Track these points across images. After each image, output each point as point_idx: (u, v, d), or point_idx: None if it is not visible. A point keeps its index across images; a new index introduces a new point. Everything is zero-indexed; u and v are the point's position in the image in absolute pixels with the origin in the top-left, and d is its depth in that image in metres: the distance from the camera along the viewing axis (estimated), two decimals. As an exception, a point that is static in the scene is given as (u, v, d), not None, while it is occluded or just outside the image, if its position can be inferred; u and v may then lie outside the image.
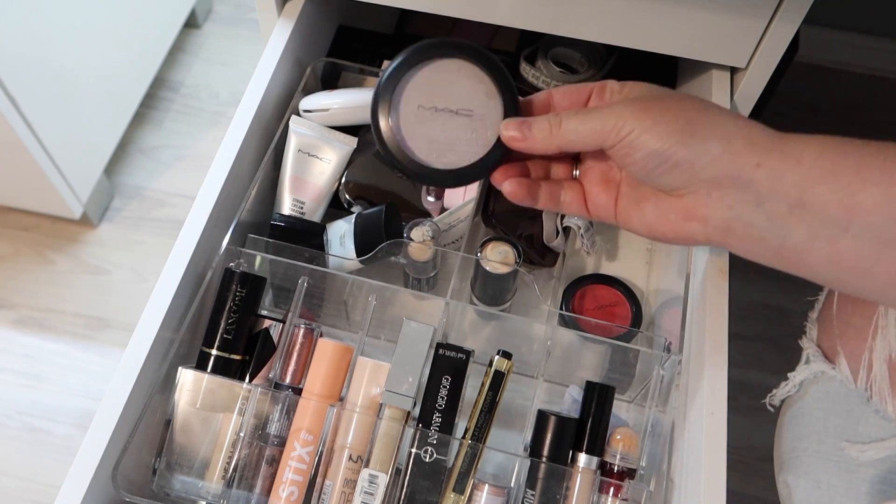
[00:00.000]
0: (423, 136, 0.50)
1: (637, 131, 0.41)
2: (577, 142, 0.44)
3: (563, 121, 0.44)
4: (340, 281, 0.64)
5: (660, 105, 0.42)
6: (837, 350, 0.56)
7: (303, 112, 0.69)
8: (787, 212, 0.39)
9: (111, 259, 1.28)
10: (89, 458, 0.51)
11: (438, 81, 0.50)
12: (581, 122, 0.44)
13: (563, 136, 0.44)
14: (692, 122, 0.41)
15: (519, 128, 0.46)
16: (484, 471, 0.57)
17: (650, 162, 0.42)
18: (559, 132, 0.44)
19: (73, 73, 1.15)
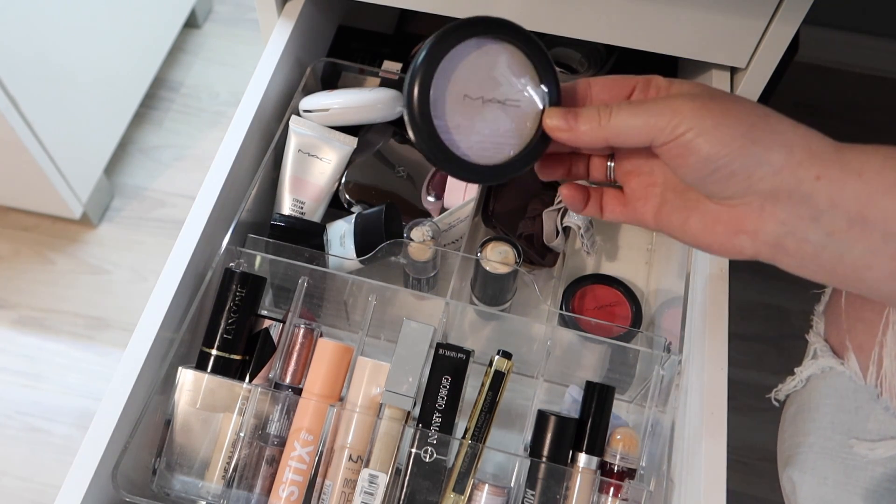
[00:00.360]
0: (466, 128, 0.45)
1: (694, 132, 0.38)
2: (626, 136, 0.41)
3: (613, 112, 0.41)
4: (340, 281, 0.64)
5: (720, 105, 0.39)
6: (846, 345, 0.55)
7: (303, 112, 0.69)
8: (847, 227, 0.37)
9: (111, 259, 1.28)
10: (89, 458, 0.51)
11: (481, 67, 0.45)
12: (633, 114, 0.40)
13: (612, 129, 0.41)
14: (755, 128, 0.38)
15: (564, 117, 0.43)
16: (484, 471, 0.57)
17: (705, 167, 0.39)
18: (608, 124, 0.41)
19: (73, 73, 1.15)
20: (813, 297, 0.61)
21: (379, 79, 0.75)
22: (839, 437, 0.53)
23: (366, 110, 0.69)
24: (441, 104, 0.44)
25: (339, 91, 0.71)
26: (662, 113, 0.39)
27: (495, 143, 0.45)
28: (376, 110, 0.69)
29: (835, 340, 0.57)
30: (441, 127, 0.44)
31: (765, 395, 0.62)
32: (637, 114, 0.40)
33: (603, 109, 0.42)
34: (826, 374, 0.56)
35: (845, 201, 0.37)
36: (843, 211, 0.37)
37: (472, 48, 0.44)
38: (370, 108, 0.69)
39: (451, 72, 0.44)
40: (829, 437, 0.54)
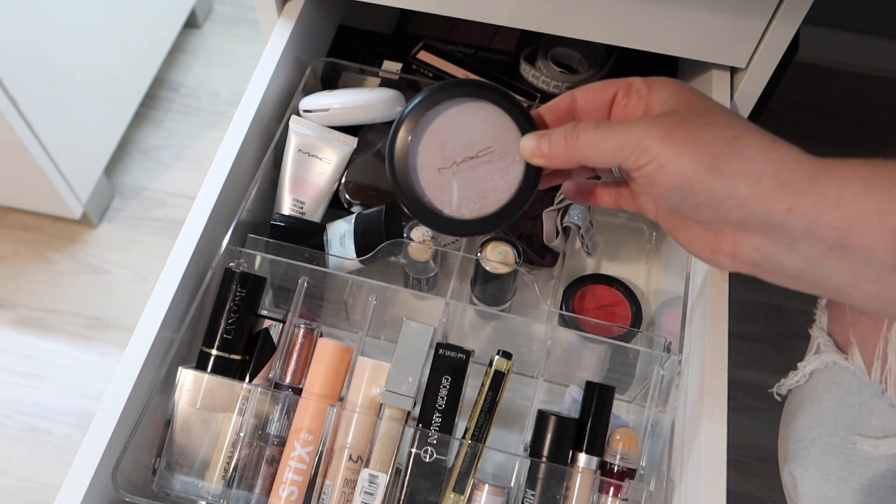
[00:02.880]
0: (454, 193, 0.46)
1: (656, 164, 0.38)
2: (595, 160, 0.41)
3: (579, 133, 0.41)
4: (340, 281, 0.64)
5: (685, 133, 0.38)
6: (850, 340, 0.55)
7: (303, 112, 0.69)
8: (825, 253, 0.37)
9: (111, 259, 1.28)
10: (89, 458, 0.51)
11: (445, 134, 0.46)
12: (599, 138, 0.40)
13: (580, 152, 0.41)
14: (719, 158, 0.37)
15: (538, 140, 0.43)
16: (484, 471, 0.57)
17: (672, 197, 0.39)
18: (576, 146, 0.41)
19: (73, 73, 1.15)
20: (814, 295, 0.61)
21: (379, 79, 0.75)
22: (842, 432, 0.53)
23: (366, 110, 0.69)
24: (420, 181, 0.46)
25: (339, 91, 0.71)
26: (627, 141, 0.39)
27: (485, 194, 0.46)
28: (376, 110, 0.69)
29: (838, 335, 0.56)
30: (427, 201, 0.46)
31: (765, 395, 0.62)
32: (603, 138, 0.40)
33: (569, 131, 0.41)
34: (829, 369, 0.56)
35: (822, 230, 0.36)
36: (819, 240, 0.36)
37: (431, 119, 0.46)
38: (370, 108, 0.69)
39: (416, 150, 0.46)
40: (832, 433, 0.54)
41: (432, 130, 0.46)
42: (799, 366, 0.58)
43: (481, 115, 0.46)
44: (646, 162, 0.38)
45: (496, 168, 0.46)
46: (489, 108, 0.46)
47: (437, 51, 0.76)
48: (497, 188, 0.46)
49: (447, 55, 0.76)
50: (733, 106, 0.71)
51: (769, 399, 0.61)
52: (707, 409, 0.53)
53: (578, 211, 0.69)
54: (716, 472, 0.51)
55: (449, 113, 0.46)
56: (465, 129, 0.46)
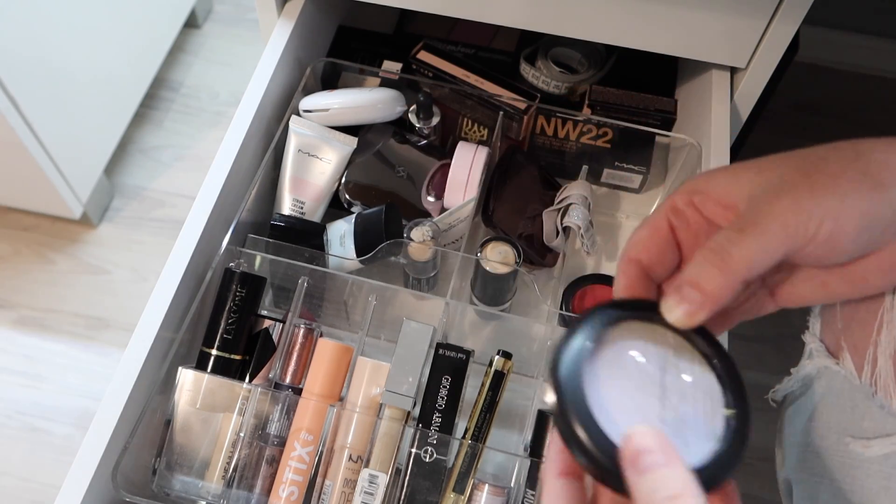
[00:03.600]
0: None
1: (831, 219, 0.32)
2: (759, 264, 0.33)
3: (729, 247, 0.33)
4: (340, 281, 0.64)
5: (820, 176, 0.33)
6: (841, 344, 0.55)
7: (303, 112, 0.69)
8: None
9: (111, 259, 1.28)
10: (89, 458, 0.51)
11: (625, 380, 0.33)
12: (754, 237, 0.33)
13: (741, 267, 0.33)
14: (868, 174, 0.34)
15: (679, 293, 0.34)
16: (484, 471, 0.57)
17: (860, 241, 0.34)
18: (731, 263, 0.33)
19: (73, 73, 1.15)
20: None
21: (379, 79, 0.75)
22: (835, 435, 0.53)
23: (366, 110, 0.69)
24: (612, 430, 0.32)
25: (339, 91, 0.71)
26: (785, 220, 0.33)
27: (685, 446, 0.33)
28: (376, 110, 0.69)
29: (830, 340, 0.57)
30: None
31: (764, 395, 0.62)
32: (757, 235, 0.33)
33: (712, 253, 0.33)
34: (822, 374, 0.56)
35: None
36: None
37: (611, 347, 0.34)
38: (370, 108, 0.69)
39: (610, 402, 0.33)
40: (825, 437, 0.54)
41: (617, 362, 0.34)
42: (792, 371, 0.59)
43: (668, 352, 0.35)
44: (818, 223, 0.33)
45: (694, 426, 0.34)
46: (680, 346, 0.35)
47: (437, 51, 0.76)
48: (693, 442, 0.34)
49: (447, 55, 0.76)
50: (733, 106, 0.71)
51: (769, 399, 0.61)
52: (707, 409, 0.53)
53: (578, 211, 0.69)
54: (716, 472, 0.51)
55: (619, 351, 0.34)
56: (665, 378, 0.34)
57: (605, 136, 0.74)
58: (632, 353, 0.34)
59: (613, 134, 0.73)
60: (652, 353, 0.34)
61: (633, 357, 0.34)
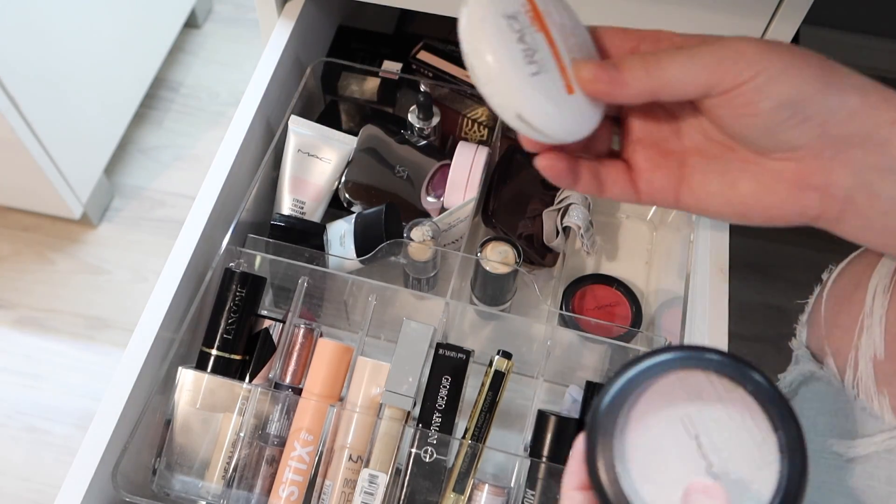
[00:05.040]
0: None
1: (766, 75, 0.33)
2: (680, 85, 0.35)
3: (663, 58, 0.35)
4: (340, 281, 0.64)
5: (785, 47, 0.34)
6: (825, 350, 0.56)
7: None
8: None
9: (111, 259, 1.28)
10: (89, 458, 0.51)
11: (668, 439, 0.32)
12: (688, 58, 0.34)
13: (663, 78, 0.35)
14: (825, 70, 0.34)
15: (602, 69, 0.35)
16: (484, 471, 0.57)
17: (778, 114, 0.34)
18: (658, 72, 0.35)
19: (72, 73, 1.15)
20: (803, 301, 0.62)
21: (379, 79, 0.75)
22: (820, 438, 0.54)
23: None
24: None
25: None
26: (724, 56, 0.34)
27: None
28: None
29: (815, 346, 0.58)
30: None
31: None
32: (693, 58, 0.34)
33: (649, 57, 0.35)
34: (807, 379, 0.57)
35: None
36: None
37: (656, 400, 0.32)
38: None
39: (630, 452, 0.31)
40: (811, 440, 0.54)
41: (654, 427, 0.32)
42: (780, 377, 0.59)
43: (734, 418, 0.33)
44: (752, 75, 0.34)
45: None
46: (749, 410, 0.33)
47: (437, 51, 0.76)
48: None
49: (447, 55, 0.76)
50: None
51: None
52: (707, 409, 0.53)
53: (578, 211, 0.69)
54: (716, 472, 0.51)
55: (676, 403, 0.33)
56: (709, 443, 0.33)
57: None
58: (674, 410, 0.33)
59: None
60: (694, 412, 0.33)
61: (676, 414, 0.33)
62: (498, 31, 0.34)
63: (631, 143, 0.40)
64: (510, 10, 0.35)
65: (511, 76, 0.34)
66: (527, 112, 0.35)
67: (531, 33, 0.35)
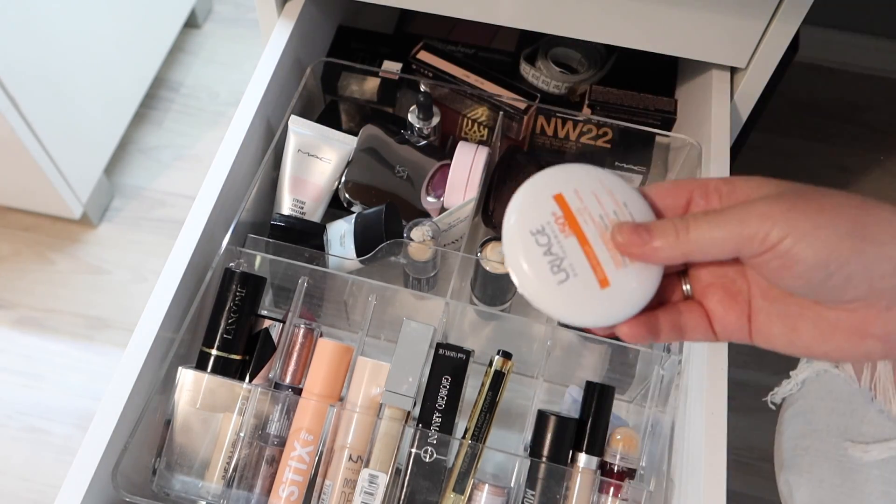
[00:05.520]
0: None
1: (792, 238, 0.33)
2: (709, 250, 0.36)
3: (690, 224, 0.36)
4: (340, 281, 0.64)
5: (811, 203, 0.34)
6: None
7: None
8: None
9: (111, 259, 1.28)
10: (89, 458, 0.51)
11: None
12: (715, 225, 0.35)
13: (691, 243, 0.36)
14: (858, 221, 0.33)
15: (636, 232, 0.37)
16: (484, 471, 0.57)
17: (815, 275, 0.34)
18: (687, 238, 0.36)
19: (73, 73, 1.15)
20: None
21: (379, 79, 0.75)
22: (834, 439, 0.54)
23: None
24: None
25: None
26: (748, 221, 0.34)
27: None
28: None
29: None
30: None
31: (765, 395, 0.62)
32: (718, 224, 0.35)
33: (679, 222, 0.36)
34: (821, 377, 0.56)
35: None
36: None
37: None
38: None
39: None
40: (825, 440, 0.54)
41: None
42: (791, 374, 0.59)
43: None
44: (779, 238, 0.33)
45: None
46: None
47: (437, 51, 0.76)
48: None
49: (447, 55, 0.76)
50: (733, 106, 0.71)
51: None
52: (707, 409, 0.53)
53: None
54: (716, 472, 0.51)
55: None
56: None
57: (605, 136, 0.74)
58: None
59: (613, 134, 0.73)
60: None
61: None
62: (524, 248, 0.37)
63: (702, 287, 0.40)
64: (536, 226, 0.38)
65: (539, 288, 0.37)
66: (561, 317, 0.38)
67: (559, 241, 0.38)
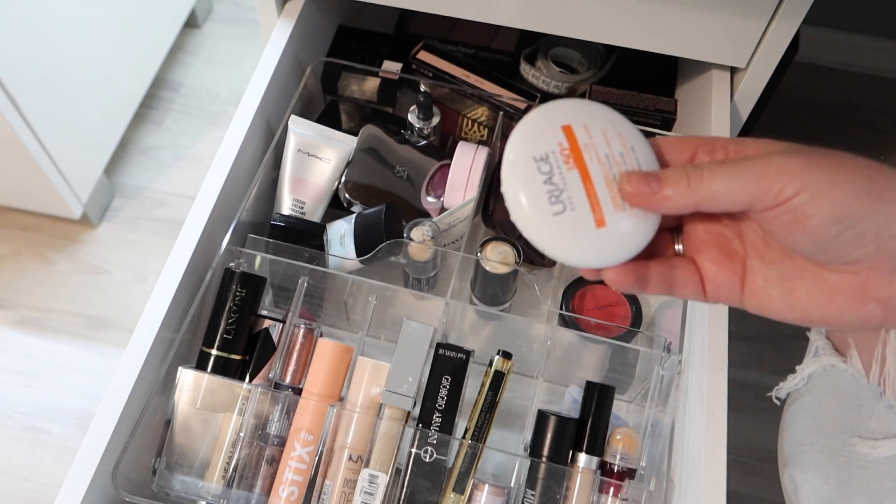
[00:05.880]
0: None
1: (809, 192, 0.33)
2: (722, 200, 0.35)
3: (705, 172, 0.35)
4: (340, 281, 0.64)
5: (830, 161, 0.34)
6: (849, 342, 0.55)
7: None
8: None
9: (111, 259, 1.28)
10: (89, 458, 0.51)
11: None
12: (730, 175, 0.34)
13: (704, 192, 0.35)
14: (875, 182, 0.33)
15: (645, 181, 0.36)
16: (484, 471, 0.57)
17: (827, 232, 0.33)
18: (700, 187, 0.35)
19: (73, 73, 1.15)
20: None
21: (379, 79, 0.75)
22: (841, 435, 0.53)
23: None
24: None
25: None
26: (766, 172, 0.34)
27: None
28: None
29: (836, 338, 0.57)
30: None
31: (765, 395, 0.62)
32: (735, 174, 0.34)
33: (692, 170, 0.36)
34: (828, 372, 0.56)
35: None
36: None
37: None
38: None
39: None
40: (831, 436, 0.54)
41: None
42: (797, 369, 0.58)
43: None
44: (795, 192, 0.33)
45: None
46: None
47: (437, 51, 0.76)
48: None
49: (447, 55, 0.76)
50: (733, 106, 0.71)
51: (769, 399, 0.61)
52: (707, 409, 0.53)
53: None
54: (716, 472, 0.51)
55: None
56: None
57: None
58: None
59: (613, 134, 0.73)
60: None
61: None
62: (525, 173, 0.36)
63: (696, 244, 0.40)
64: (540, 153, 0.36)
65: (533, 216, 0.36)
66: (550, 250, 0.36)
67: (561, 173, 0.36)
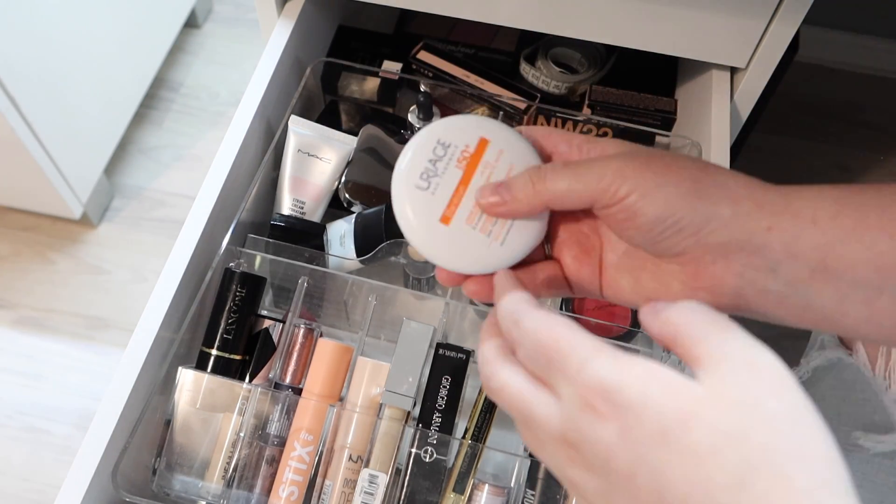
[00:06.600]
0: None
1: (638, 193, 0.37)
2: (566, 200, 0.39)
3: (547, 175, 0.39)
4: (340, 281, 0.64)
5: (660, 163, 0.37)
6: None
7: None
8: (809, 275, 0.36)
9: (111, 259, 1.28)
10: (89, 458, 0.51)
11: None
12: (571, 176, 0.38)
13: (549, 193, 0.39)
14: (699, 183, 0.37)
15: (496, 192, 0.40)
16: (484, 471, 0.57)
17: (654, 228, 0.37)
18: (544, 187, 0.39)
19: (72, 73, 1.15)
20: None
21: (379, 79, 0.75)
22: (845, 429, 0.53)
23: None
24: None
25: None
26: (604, 174, 0.37)
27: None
28: None
29: None
30: None
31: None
32: (575, 176, 0.38)
33: (535, 173, 0.39)
34: (833, 366, 0.56)
35: (803, 250, 0.36)
36: (802, 260, 0.36)
37: None
38: None
39: None
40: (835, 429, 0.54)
41: None
42: (802, 362, 0.58)
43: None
44: (627, 192, 0.37)
45: None
46: None
47: (437, 51, 0.76)
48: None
49: (447, 55, 0.76)
50: (733, 106, 0.71)
51: (769, 399, 0.61)
52: (707, 409, 0.53)
53: (578, 211, 0.69)
54: (716, 472, 0.51)
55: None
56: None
57: (605, 136, 0.74)
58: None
59: (613, 134, 0.73)
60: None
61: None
62: (424, 143, 0.39)
63: (559, 244, 0.43)
64: (448, 139, 0.39)
65: (404, 175, 0.38)
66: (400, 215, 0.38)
67: (448, 165, 0.39)
